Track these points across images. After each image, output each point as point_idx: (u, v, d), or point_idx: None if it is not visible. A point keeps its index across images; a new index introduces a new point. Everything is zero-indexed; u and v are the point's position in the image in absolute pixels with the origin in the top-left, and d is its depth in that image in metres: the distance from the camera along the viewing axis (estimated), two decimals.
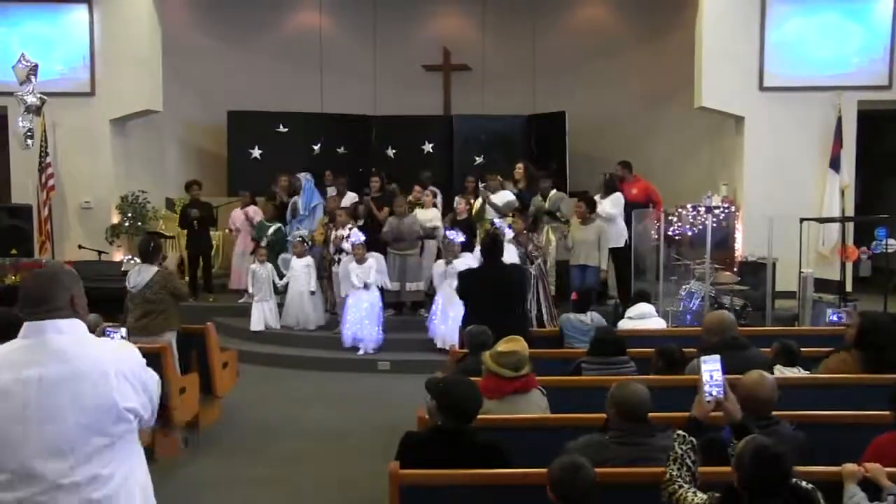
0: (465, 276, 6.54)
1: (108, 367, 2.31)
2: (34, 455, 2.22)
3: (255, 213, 10.54)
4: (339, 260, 9.09)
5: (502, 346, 4.29)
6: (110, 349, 2.42)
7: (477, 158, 12.52)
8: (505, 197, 9.50)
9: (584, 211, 8.80)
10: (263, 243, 9.87)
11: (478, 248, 8.70)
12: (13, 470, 2.23)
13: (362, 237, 8.73)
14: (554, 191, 9.62)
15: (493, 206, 9.36)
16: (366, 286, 8.54)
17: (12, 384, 2.24)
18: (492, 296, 6.00)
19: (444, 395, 3.60)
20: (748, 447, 2.73)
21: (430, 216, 9.75)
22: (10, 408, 2.23)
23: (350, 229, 9.02)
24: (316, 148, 12.37)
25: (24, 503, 2.23)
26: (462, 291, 6.35)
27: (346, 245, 8.92)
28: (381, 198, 10.06)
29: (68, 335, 2.34)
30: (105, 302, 6.38)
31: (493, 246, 6.52)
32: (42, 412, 2.23)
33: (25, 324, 2.35)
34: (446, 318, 8.42)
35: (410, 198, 10.03)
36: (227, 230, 11.01)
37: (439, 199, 10.51)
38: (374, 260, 8.75)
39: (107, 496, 2.30)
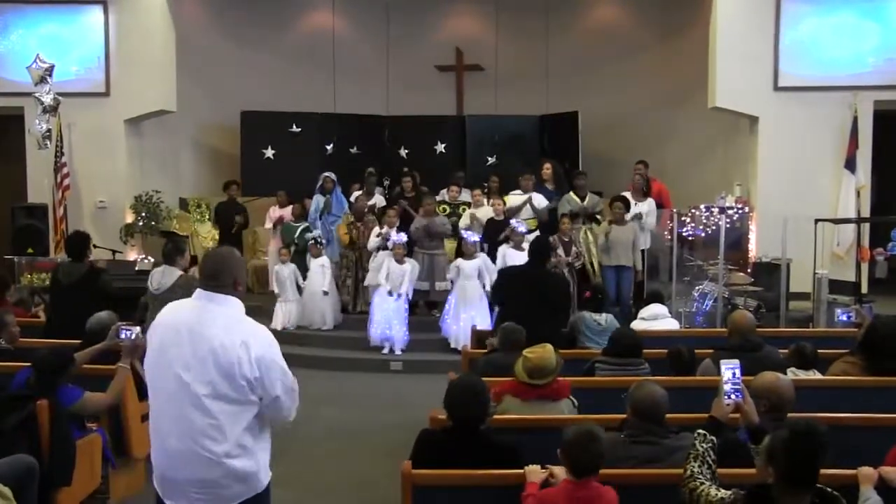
0: (503, 275, 6.52)
1: (239, 340, 2.87)
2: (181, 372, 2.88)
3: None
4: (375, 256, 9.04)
5: (529, 350, 4.32)
6: (251, 329, 2.96)
7: (490, 159, 12.49)
8: (536, 199, 9.50)
9: (622, 212, 8.74)
10: (297, 243, 9.70)
11: (505, 248, 8.70)
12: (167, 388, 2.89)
13: (405, 238, 8.74)
14: (589, 192, 9.57)
15: (536, 210, 9.39)
16: (390, 292, 8.54)
17: (180, 325, 2.94)
18: (530, 297, 5.95)
19: (446, 396, 3.64)
20: (781, 432, 2.66)
21: (491, 216, 9.46)
22: (174, 339, 2.92)
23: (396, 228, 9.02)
24: (329, 148, 12.38)
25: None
26: (497, 292, 6.29)
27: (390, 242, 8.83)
28: (414, 198, 10.04)
29: (224, 307, 2.96)
30: (119, 301, 6.42)
31: (542, 248, 6.48)
32: (191, 352, 2.88)
33: (198, 290, 3.01)
34: (458, 318, 8.43)
35: (447, 197, 10.04)
36: (268, 228, 10.92)
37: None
38: (411, 266, 8.72)
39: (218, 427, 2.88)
